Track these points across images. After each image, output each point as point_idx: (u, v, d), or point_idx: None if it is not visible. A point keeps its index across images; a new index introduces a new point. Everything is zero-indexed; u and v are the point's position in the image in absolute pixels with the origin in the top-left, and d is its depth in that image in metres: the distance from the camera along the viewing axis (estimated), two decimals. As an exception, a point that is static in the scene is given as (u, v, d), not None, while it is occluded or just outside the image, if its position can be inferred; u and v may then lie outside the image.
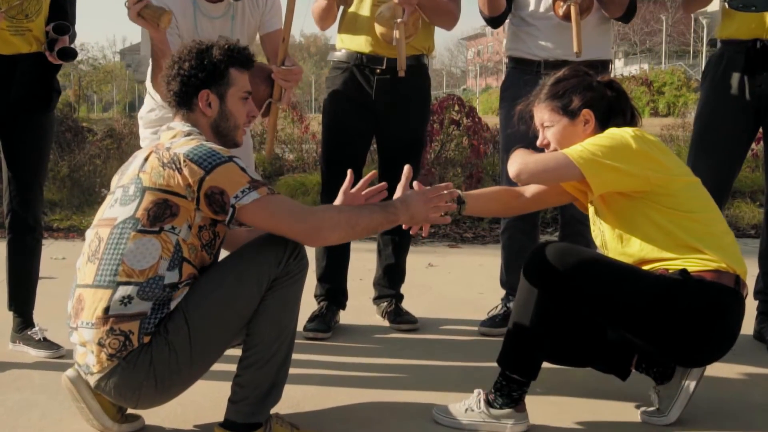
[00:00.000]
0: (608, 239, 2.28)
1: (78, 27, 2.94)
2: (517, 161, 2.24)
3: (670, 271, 2.13)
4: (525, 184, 2.34)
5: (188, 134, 2.07)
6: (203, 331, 1.98)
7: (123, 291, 1.93)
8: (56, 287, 3.96)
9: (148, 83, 3.00)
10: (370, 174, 2.26)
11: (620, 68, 35.60)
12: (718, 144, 3.03)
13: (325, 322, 3.16)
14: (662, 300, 2.08)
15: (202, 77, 2.11)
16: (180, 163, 1.96)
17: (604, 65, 3.11)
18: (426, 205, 2.15)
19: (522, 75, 3.13)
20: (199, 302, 1.98)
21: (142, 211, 1.96)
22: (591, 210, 2.40)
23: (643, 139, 2.19)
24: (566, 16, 2.93)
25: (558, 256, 2.12)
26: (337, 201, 2.33)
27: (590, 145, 2.19)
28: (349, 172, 2.32)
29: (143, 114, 3.00)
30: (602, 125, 2.29)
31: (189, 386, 2.09)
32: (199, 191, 1.96)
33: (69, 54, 2.75)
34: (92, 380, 1.99)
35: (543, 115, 2.36)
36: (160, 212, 1.96)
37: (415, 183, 2.29)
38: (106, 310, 1.93)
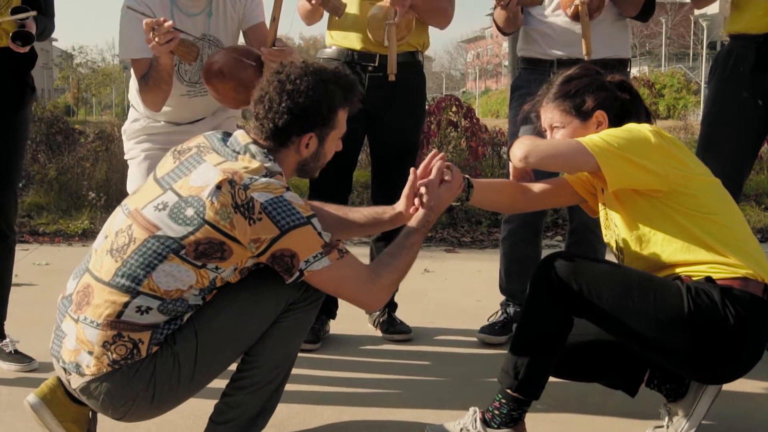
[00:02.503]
0: (624, 243, 2.14)
1: (77, 30, 2.83)
2: (526, 143, 2.09)
3: (694, 279, 1.99)
4: (531, 167, 2.17)
5: (270, 175, 1.85)
6: (211, 346, 1.87)
7: (143, 301, 1.80)
8: (36, 295, 3.84)
9: (131, 96, 2.85)
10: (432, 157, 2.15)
11: (619, 70, 35.75)
12: (726, 144, 2.90)
13: (313, 333, 3.02)
14: (686, 313, 1.93)
15: (313, 120, 1.94)
16: (254, 213, 1.78)
17: (621, 64, 3.00)
18: (453, 195, 2.13)
19: (533, 75, 3.02)
20: (212, 316, 1.87)
21: (192, 242, 1.79)
22: (602, 213, 2.27)
23: (662, 136, 2.06)
24: (576, 16, 2.82)
25: (570, 268, 1.98)
26: (401, 204, 2.18)
27: (607, 135, 2.05)
28: (412, 170, 2.17)
29: (127, 126, 2.86)
30: (615, 128, 2.15)
31: (180, 404, 1.96)
32: (266, 250, 1.82)
33: (24, 36, 2.56)
34: (79, 381, 1.84)
35: (552, 115, 2.22)
36: (210, 252, 1.81)
37: (448, 171, 2.14)
38: (119, 314, 1.79)
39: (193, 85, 2.71)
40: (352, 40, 3.01)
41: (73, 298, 1.87)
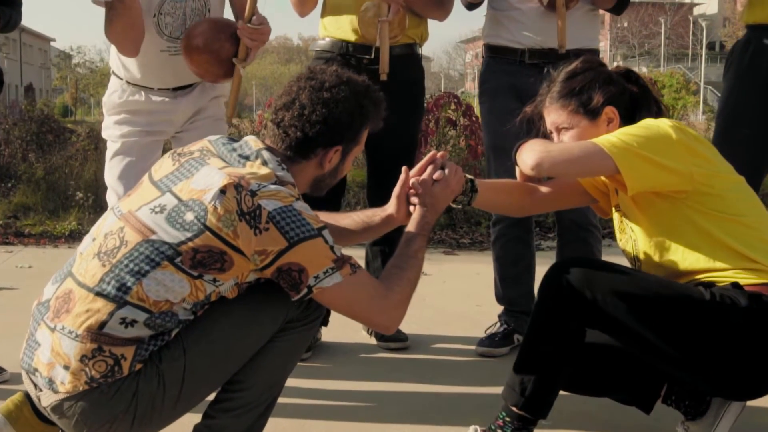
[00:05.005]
0: (642, 249, 1.99)
1: (76, 30, 2.68)
2: (537, 149, 1.92)
3: (719, 285, 1.84)
4: (545, 175, 2.02)
5: (281, 183, 1.71)
6: (200, 366, 1.70)
7: (129, 312, 1.63)
8: (15, 299, 3.69)
9: (111, 60, 2.68)
10: (436, 153, 2.01)
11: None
12: (744, 140, 2.74)
13: (304, 341, 2.87)
14: (712, 322, 1.78)
15: (344, 133, 1.81)
16: (261, 222, 1.64)
17: (592, 54, 2.85)
18: (450, 192, 2.00)
19: (503, 65, 2.88)
20: (203, 332, 1.70)
21: (189, 249, 1.63)
22: (616, 216, 2.11)
23: (683, 131, 1.91)
24: (550, 5, 2.70)
25: (582, 275, 1.83)
26: (391, 205, 2.04)
27: (623, 134, 1.89)
28: (404, 169, 2.03)
29: (106, 98, 2.70)
30: (627, 123, 2.01)
31: (162, 428, 1.78)
32: (272, 264, 1.66)
33: None
34: (51, 399, 1.66)
35: (558, 116, 2.06)
36: (209, 262, 1.64)
37: (440, 171, 1.97)
38: (102, 325, 1.62)
39: (174, 41, 2.54)
40: (347, 31, 2.86)
41: (50, 305, 1.70)
